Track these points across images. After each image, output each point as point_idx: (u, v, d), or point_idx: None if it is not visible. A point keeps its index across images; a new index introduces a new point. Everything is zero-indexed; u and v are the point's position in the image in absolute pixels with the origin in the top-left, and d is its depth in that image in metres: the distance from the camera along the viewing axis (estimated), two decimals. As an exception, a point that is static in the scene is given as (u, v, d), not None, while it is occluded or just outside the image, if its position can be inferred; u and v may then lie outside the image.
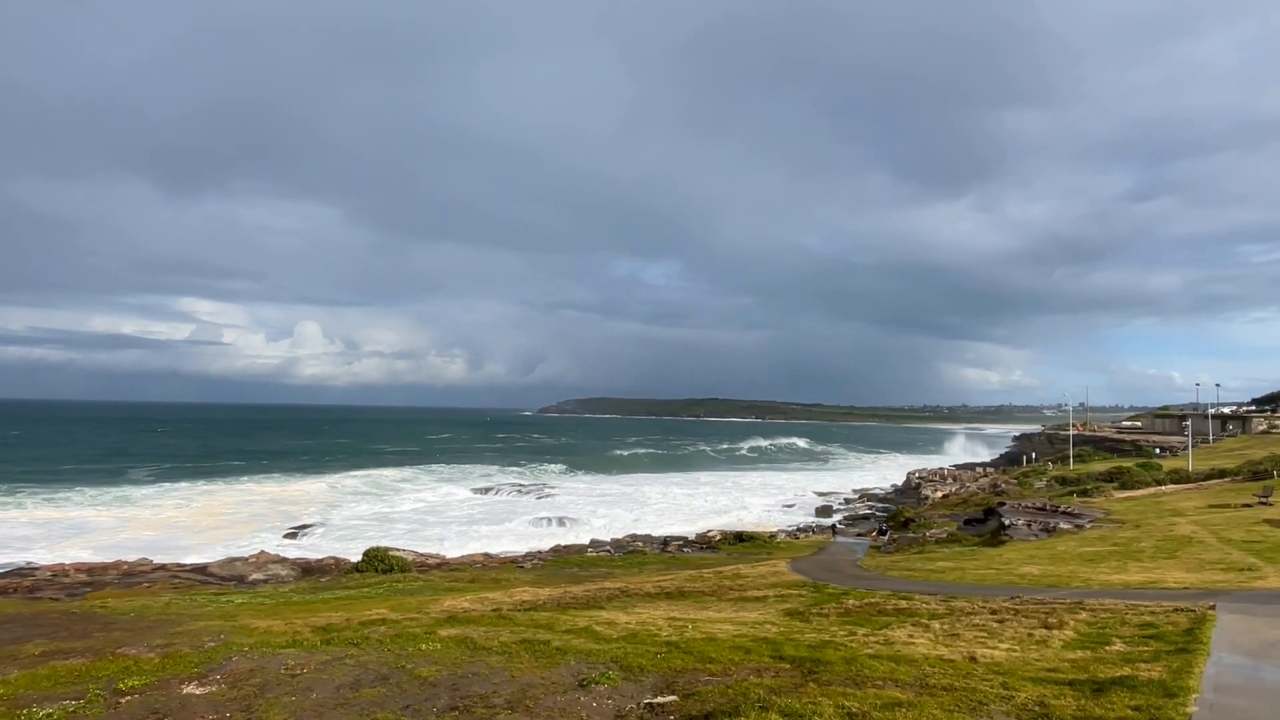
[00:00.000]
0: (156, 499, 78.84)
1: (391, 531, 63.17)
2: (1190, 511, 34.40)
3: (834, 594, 18.57)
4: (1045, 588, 18.64)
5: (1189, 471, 50.96)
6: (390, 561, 31.81)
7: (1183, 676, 7.57)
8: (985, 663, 8.82)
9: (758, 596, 18.60)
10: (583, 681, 8.64)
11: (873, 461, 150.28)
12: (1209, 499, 38.09)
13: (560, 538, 59.85)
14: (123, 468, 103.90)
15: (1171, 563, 22.86)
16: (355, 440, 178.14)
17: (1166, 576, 20.26)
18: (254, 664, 10.35)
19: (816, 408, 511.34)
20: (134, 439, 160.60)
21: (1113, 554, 25.32)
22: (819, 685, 7.75)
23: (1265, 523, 28.25)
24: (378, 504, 77.14)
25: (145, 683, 9.42)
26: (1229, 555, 23.00)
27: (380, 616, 16.28)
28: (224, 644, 12.27)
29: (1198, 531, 27.97)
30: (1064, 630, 10.88)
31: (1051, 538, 33.53)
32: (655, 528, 63.85)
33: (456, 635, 12.27)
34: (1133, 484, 47.81)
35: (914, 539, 43.15)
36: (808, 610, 15.37)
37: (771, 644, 10.98)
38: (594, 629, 12.88)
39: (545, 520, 69.92)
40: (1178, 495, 42.08)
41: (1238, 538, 25.79)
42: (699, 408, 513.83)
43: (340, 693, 8.66)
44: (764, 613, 15.98)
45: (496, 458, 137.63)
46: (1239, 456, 57.18)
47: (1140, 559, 23.99)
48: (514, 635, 12.24)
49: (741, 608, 17.26)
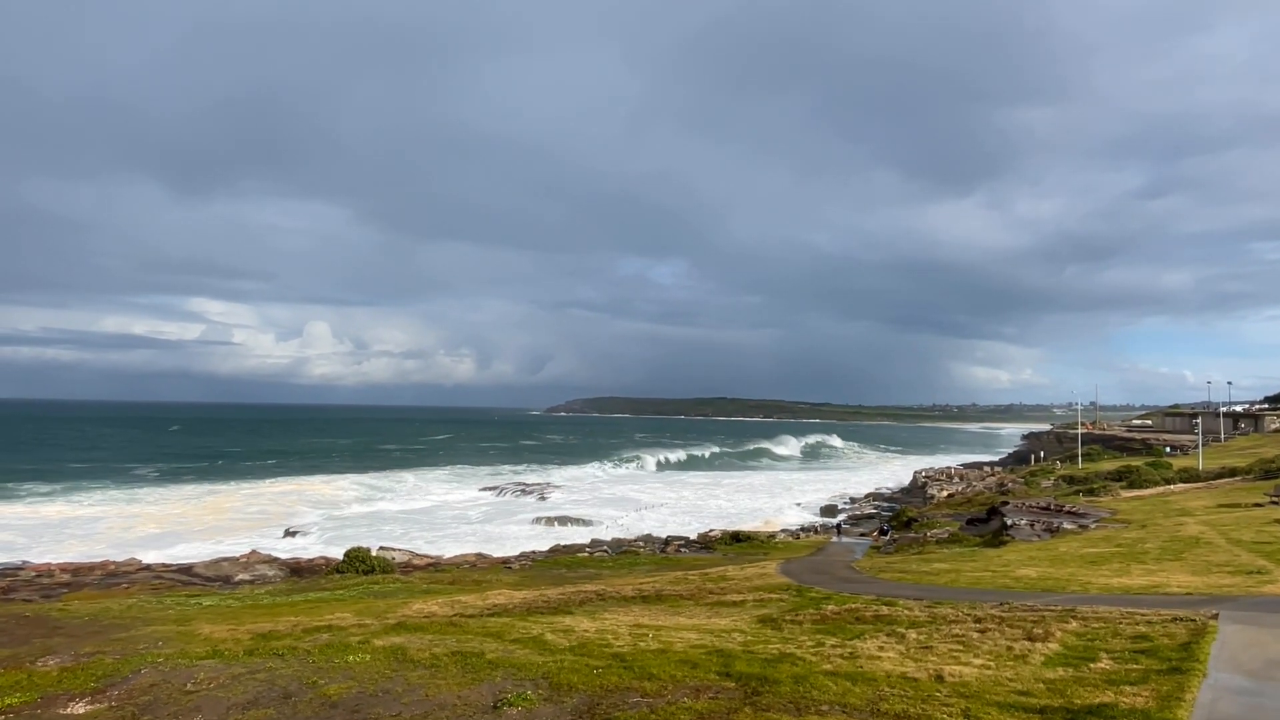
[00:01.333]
0: (163, 498, 78.68)
1: (390, 532, 62.54)
2: (1199, 511, 33.18)
3: (816, 598, 17.59)
4: (1040, 592, 17.59)
5: (1199, 470, 49.63)
6: (372, 562, 30.99)
7: (1172, 705, 6.55)
8: (952, 683, 7.84)
9: (735, 601, 17.64)
10: (498, 703, 7.73)
11: (884, 460, 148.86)
12: (1218, 498, 36.82)
13: (562, 538, 59.06)
14: (132, 466, 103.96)
15: (1176, 565, 21.75)
16: (361, 439, 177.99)
17: (1170, 580, 19.18)
18: (159, 678, 9.49)
19: (825, 407, 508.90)
20: (144, 438, 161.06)
21: (1116, 555, 24.21)
22: (755, 711, 6.80)
23: (1276, 523, 27.04)
24: (380, 503, 76.60)
25: (26, 700, 8.56)
26: (1237, 557, 21.87)
27: (328, 623, 15.41)
28: (143, 654, 11.43)
29: (1205, 532, 26.80)
30: (1048, 643, 9.88)
31: (1054, 538, 32.40)
32: (660, 528, 63.11)
33: (392, 645, 11.39)
34: (1141, 483, 46.52)
35: (915, 539, 42.10)
36: (782, 617, 14.41)
37: (725, 657, 10.03)
38: (545, 638, 11.96)
39: (547, 520, 69.16)
40: (1186, 494, 40.81)
41: (1247, 538, 24.63)
42: (707, 407, 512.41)
43: (229, 714, 7.77)
44: (737, 619, 15.03)
45: (503, 457, 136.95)
46: (1250, 455, 55.75)
47: (1144, 561, 22.88)
48: (455, 645, 11.34)
49: (716, 613, 16.32)
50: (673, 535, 55.00)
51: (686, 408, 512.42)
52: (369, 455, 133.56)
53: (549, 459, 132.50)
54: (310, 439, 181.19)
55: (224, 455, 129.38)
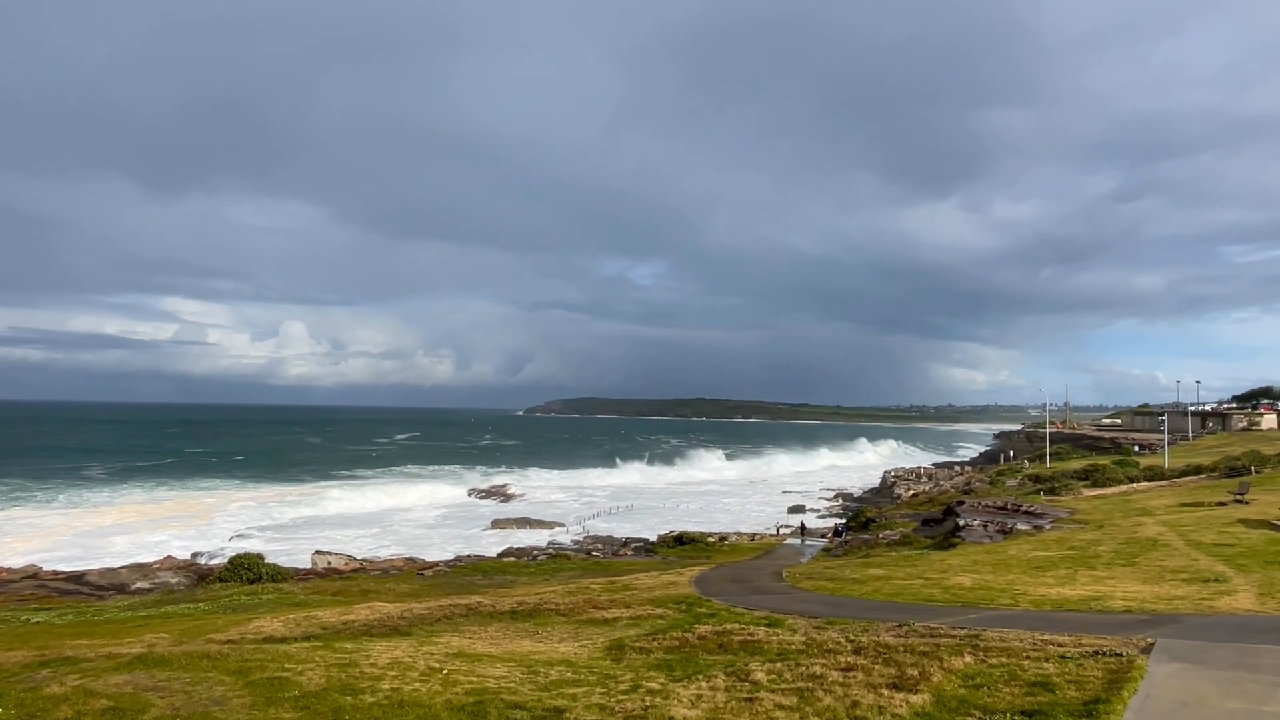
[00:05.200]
0: (107, 501, 75.08)
1: (337, 535, 59.74)
2: (1160, 510, 30.98)
3: (701, 614, 14.94)
4: (962, 607, 15.07)
5: (1164, 468, 47.73)
6: (259, 570, 28.00)
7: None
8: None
9: (609, 618, 14.94)
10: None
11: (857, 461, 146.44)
12: (1181, 497, 34.71)
13: (517, 540, 56.69)
14: (85, 467, 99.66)
15: (1128, 571, 19.36)
16: (330, 441, 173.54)
17: (1116, 590, 16.75)
18: None
19: (804, 408, 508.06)
20: (107, 439, 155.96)
21: (1064, 560, 21.82)
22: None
23: (1240, 523, 24.82)
24: (334, 506, 73.45)
25: None
26: (1195, 562, 19.54)
27: (109, 652, 12.50)
28: None
29: (1164, 533, 24.51)
30: (917, 693, 7.27)
31: (1006, 540, 30.03)
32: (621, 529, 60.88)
33: (76, 689, 8.60)
34: (1104, 481, 44.44)
35: (866, 541, 39.77)
36: (636, 643, 11.72)
37: (482, 711, 7.33)
38: (284, 678, 9.18)
39: (509, 522, 66.87)
40: (1149, 493, 38.72)
41: (1208, 540, 22.35)
42: (686, 408, 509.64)
43: None
44: (587, 643, 12.35)
45: (475, 458, 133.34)
46: (1217, 453, 54.04)
47: (1094, 566, 20.48)
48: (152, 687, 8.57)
49: (576, 634, 13.63)
50: (632, 537, 52.93)
51: (667, 408, 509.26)
52: (333, 457, 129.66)
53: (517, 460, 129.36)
54: (276, 438, 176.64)
55: (184, 456, 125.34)
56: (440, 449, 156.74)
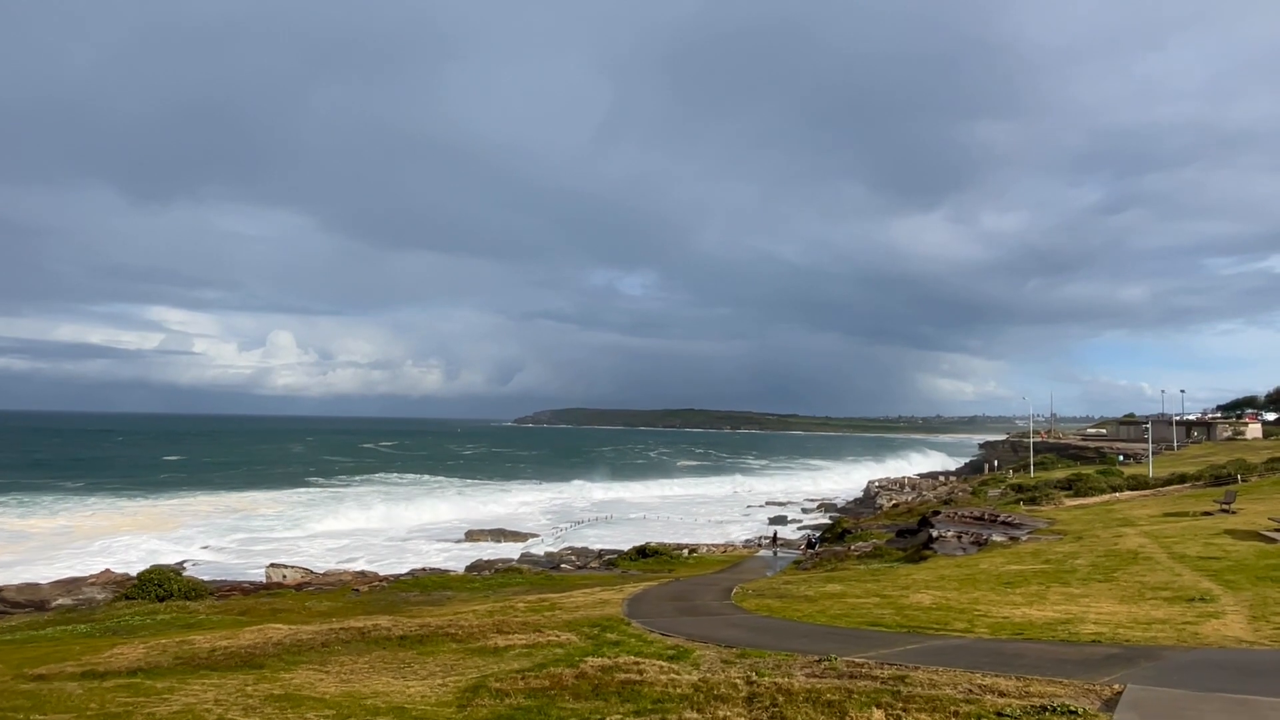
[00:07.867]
0: (70, 510, 72.25)
1: (302, 548, 57.60)
2: (1143, 520, 29.09)
3: (609, 642, 12.83)
4: (908, 632, 13.05)
5: (1148, 477, 45.99)
6: (172, 585, 25.66)
7: None
8: None
9: (500, 647, 12.80)
10: None
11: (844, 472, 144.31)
12: (1165, 506, 32.87)
13: (488, 552, 54.94)
14: (55, 478, 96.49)
15: (1104, 588, 17.41)
16: (312, 450, 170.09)
17: (1089, 610, 14.79)
18: None
19: (792, 418, 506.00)
20: (85, 449, 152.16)
21: (1037, 575, 19.86)
22: None
23: (1227, 534, 22.93)
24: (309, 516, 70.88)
25: None
26: (1178, 577, 17.60)
27: None
28: None
29: (1146, 545, 22.59)
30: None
31: (980, 552, 28.10)
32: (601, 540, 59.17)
33: None
34: (1086, 490, 42.66)
35: (837, 553, 37.86)
36: (492, 685, 9.60)
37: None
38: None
39: (482, 533, 65.01)
40: (1132, 502, 36.89)
41: (1193, 553, 20.44)
42: (676, 418, 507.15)
43: None
44: (449, 680, 10.24)
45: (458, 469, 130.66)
46: (1202, 462, 52.44)
47: (1068, 582, 18.53)
48: None
49: (450, 668, 11.49)
50: (606, 549, 51.18)
51: (656, 419, 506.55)
52: (314, 467, 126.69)
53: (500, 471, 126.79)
54: (260, 447, 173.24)
55: (161, 465, 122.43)
56: (423, 459, 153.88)
